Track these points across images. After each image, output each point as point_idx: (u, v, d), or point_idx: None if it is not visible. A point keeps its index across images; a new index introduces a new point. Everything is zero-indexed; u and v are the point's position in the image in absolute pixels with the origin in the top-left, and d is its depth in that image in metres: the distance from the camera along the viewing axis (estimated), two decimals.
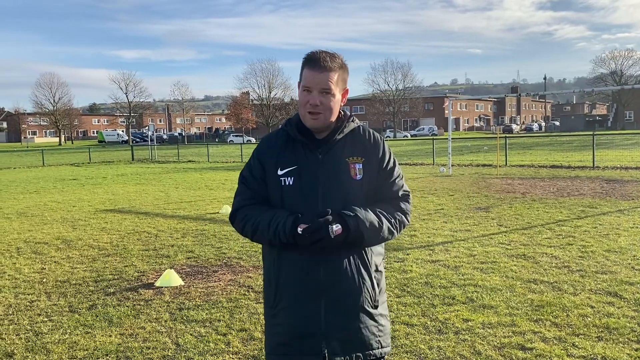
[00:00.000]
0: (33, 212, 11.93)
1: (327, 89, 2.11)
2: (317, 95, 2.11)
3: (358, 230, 2.07)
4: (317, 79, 2.10)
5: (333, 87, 2.12)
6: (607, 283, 5.52)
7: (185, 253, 7.54)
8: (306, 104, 2.12)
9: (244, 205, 2.22)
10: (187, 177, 21.00)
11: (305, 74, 2.13)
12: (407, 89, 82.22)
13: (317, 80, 2.10)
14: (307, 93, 2.12)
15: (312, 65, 2.11)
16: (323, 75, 2.10)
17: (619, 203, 10.76)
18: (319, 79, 2.10)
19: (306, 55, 2.16)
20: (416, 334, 4.40)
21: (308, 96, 2.12)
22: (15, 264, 7.19)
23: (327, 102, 2.12)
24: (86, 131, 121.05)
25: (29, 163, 33.71)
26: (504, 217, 9.52)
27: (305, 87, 2.12)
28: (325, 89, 2.11)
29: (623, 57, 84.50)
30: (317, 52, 2.14)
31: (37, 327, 4.83)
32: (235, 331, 4.59)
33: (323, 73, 2.10)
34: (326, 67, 2.10)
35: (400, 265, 6.42)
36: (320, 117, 2.13)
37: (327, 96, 2.12)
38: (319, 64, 2.10)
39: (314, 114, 2.12)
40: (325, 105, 2.12)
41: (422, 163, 24.18)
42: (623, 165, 19.15)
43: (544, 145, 36.09)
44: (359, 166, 2.17)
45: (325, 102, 2.11)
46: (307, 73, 2.12)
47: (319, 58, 2.11)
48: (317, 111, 2.12)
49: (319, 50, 2.15)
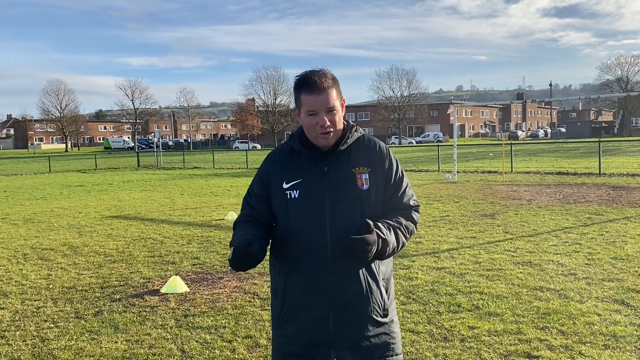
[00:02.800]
0: (40, 219, 11.99)
1: (331, 108, 2.14)
2: (325, 116, 2.13)
3: (383, 252, 2.07)
4: (320, 101, 2.12)
5: (336, 104, 2.16)
6: (614, 291, 5.50)
7: (190, 260, 7.55)
8: (315, 126, 2.13)
9: (239, 221, 2.29)
10: (192, 183, 21.06)
11: (306, 99, 2.14)
12: (412, 95, 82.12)
13: (320, 103, 2.12)
14: (313, 116, 2.13)
15: (310, 89, 2.12)
16: (324, 96, 2.12)
17: (626, 210, 10.71)
18: (322, 101, 2.12)
19: (299, 80, 2.17)
20: (422, 342, 4.38)
21: (315, 118, 2.13)
22: (22, 270, 7.22)
23: (334, 119, 2.15)
24: (92, 138, 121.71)
25: (36, 169, 33.89)
26: (509, 224, 9.49)
27: (311, 111, 2.13)
28: (329, 107, 2.13)
29: (629, 64, 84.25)
30: (309, 74, 2.15)
31: (43, 333, 4.85)
32: (240, 338, 4.59)
33: (323, 94, 2.12)
34: (325, 88, 2.12)
35: (406, 273, 6.41)
36: (331, 135, 2.16)
37: (332, 113, 2.14)
38: (318, 87, 2.11)
39: (325, 134, 2.14)
40: (333, 122, 2.15)
41: (428, 170, 24.16)
42: (630, 172, 19.05)
43: (549, 152, 35.99)
44: (366, 176, 2.18)
45: (332, 119, 2.14)
46: (307, 98, 2.13)
47: (315, 81, 2.12)
48: (329, 130, 2.14)
49: (309, 72, 2.16)
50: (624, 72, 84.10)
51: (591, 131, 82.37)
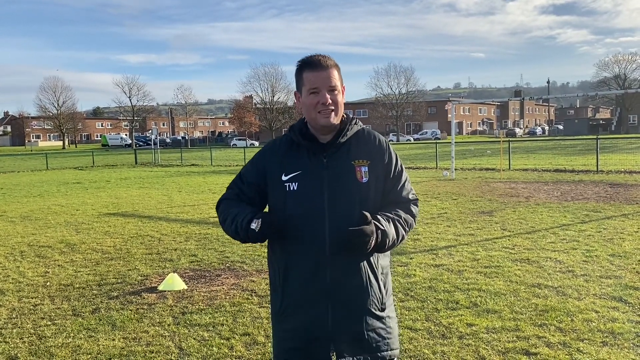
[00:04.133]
0: (37, 216, 11.96)
1: (333, 86, 2.15)
2: (326, 94, 2.13)
3: (383, 244, 2.08)
4: (322, 77, 2.13)
5: (338, 84, 2.17)
6: (612, 288, 5.50)
7: (188, 257, 7.54)
8: (316, 105, 2.14)
9: (227, 198, 2.30)
10: (190, 180, 21.03)
11: (308, 77, 2.15)
12: (410, 92, 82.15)
13: (322, 79, 2.13)
14: (314, 95, 2.14)
15: (312, 66, 2.14)
16: (327, 73, 2.14)
17: (623, 207, 10.73)
18: (324, 77, 2.13)
19: (302, 61, 2.19)
20: (420, 339, 4.38)
21: (317, 97, 2.13)
22: (19, 268, 7.20)
23: (336, 99, 2.16)
24: (90, 135, 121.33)
25: (33, 167, 33.80)
26: (507, 221, 9.50)
27: (313, 88, 2.14)
28: (332, 86, 2.14)
29: (627, 61, 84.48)
30: (312, 55, 2.18)
31: (40, 330, 4.84)
32: (238, 335, 4.59)
33: (326, 71, 2.13)
34: (328, 66, 2.14)
35: (404, 270, 6.41)
36: (332, 114, 2.15)
37: (334, 93, 2.15)
38: (320, 64, 2.14)
39: (326, 112, 2.14)
40: (335, 101, 2.15)
41: (425, 167, 24.16)
42: (627, 169, 19.09)
43: (547, 149, 36.03)
44: (365, 169, 2.17)
45: (334, 99, 2.15)
46: (310, 75, 2.14)
47: (318, 59, 2.15)
48: (329, 109, 2.14)
49: (313, 54, 2.19)
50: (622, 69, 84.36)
51: (589, 128, 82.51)
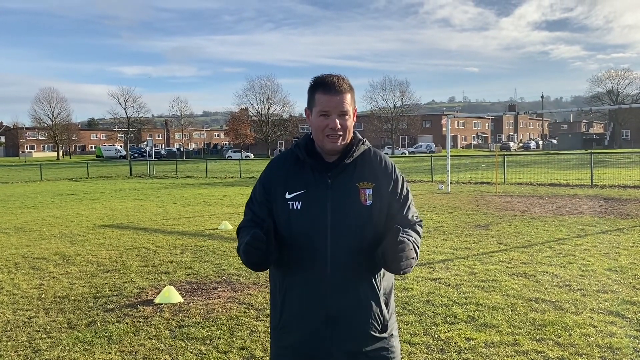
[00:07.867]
0: (31, 227, 11.88)
1: (344, 112, 2.12)
2: (336, 118, 2.11)
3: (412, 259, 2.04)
4: (334, 102, 2.10)
5: (349, 109, 2.14)
6: (609, 302, 5.51)
7: (184, 269, 7.50)
8: (325, 128, 2.11)
9: (243, 227, 2.24)
10: (185, 192, 20.97)
11: (320, 99, 2.12)
12: (405, 106, 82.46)
13: (334, 104, 2.10)
14: (324, 117, 2.11)
15: (326, 89, 2.11)
16: (340, 98, 2.11)
17: (619, 222, 10.77)
18: (336, 102, 2.11)
19: (316, 80, 2.16)
20: (418, 353, 4.36)
21: (326, 120, 2.11)
22: (14, 280, 7.14)
23: (345, 124, 2.13)
24: (84, 146, 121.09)
25: (27, 177, 33.64)
26: (503, 235, 9.51)
27: (323, 111, 2.11)
28: (343, 111, 2.12)
29: (619, 77, 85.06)
30: (328, 76, 2.15)
31: (35, 343, 4.79)
32: (235, 349, 4.55)
33: (339, 96, 2.11)
34: (341, 90, 2.11)
35: (401, 283, 6.40)
36: (339, 139, 2.13)
37: (344, 118, 2.13)
38: (335, 88, 2.11)
39: (334, 137, 2.12)
40: (344, 127, 2.13)
41: (421, 180, 24.22)
42: (621, 183, 19.20)
43: (542, 163, 36.18)
44: (369, 192, 2.14)
45: (343, 124, 2.12)
46: (322, 97, 2.12)
47: (334, 82, 2.11)
48: (338, 134, 2.12)
49: (329, 75, 2.16)
50: (615, 84, 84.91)
51: (582, 143, 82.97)
